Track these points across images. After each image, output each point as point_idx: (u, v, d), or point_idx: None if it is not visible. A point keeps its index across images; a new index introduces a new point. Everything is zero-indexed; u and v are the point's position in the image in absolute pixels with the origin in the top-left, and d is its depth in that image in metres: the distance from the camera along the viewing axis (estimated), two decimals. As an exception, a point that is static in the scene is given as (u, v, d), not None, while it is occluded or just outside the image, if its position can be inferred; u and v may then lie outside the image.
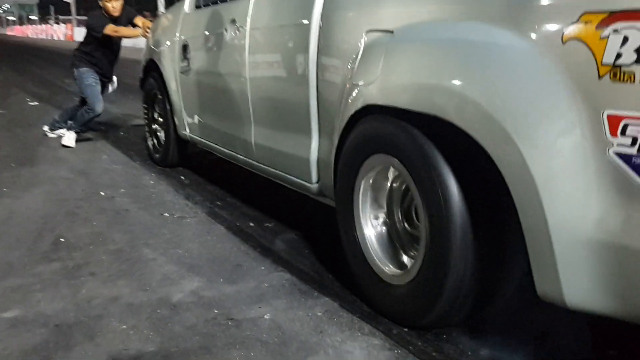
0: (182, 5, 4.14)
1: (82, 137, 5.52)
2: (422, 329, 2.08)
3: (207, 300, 2.34)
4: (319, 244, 2.95)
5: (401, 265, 2.17)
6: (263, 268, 2.66)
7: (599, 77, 1.42)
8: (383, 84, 2.05)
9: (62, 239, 3.03)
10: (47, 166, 4.66)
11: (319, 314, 2.22)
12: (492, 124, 1.63)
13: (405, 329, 2.09)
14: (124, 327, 2.14)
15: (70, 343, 2.04)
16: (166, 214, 3.45)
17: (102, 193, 3.89)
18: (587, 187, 1.49)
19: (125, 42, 5.77)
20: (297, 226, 3.20)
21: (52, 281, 2.53)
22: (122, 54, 5.75)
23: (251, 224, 3.28)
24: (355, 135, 2.23)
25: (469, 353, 1.97)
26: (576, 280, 1.53)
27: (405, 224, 2.20)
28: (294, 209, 3.55)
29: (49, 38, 38.64)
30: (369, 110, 2.13)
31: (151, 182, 4.21)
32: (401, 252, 2.20)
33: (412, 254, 2.16)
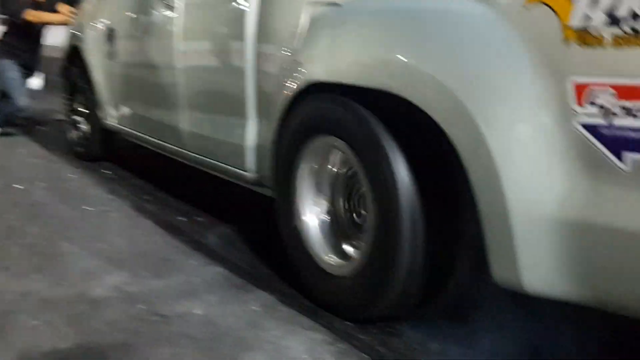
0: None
1: (2, 132, 5.18)
2: (367, 323, 1.95)
3: (131, 295, 2.14)
4: (254, 237, 2.79)
5: (345, 256, 2.03)
6: (194, 262, 2.47)
7: (565, 41, 1.32)
8: (329, 60, 1.92)
9: (-29, 233, 2.77)
10: (-41, 160, 4.33)
11: (256, 308, 2.06)
12: (448, 98, 1.52)
13: (349, 323, 1.95)
14: (37, 322, 1.92)
15: (-25, 340, 1.82)
16: (88, 208, 3.20)
17: (19, 186, 3.60)
18: (550, 161, 1.38)
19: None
20: (230, 220, 3.03)
21: (-42, 276, 2.28)
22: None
23: (181, 218, 3.08)
24: (297, 116, 2.08)
25: (417, 347, 1.84)
26: (536, 263, 1.42)
27: (350, 212, 2.06)
28: (226, 202, 3.37)
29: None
30: (313, 90, 1.99)
31: (73, 176, 3.93)
32: (345, 241, 2.05)
33: (356, 243, 2.01)
